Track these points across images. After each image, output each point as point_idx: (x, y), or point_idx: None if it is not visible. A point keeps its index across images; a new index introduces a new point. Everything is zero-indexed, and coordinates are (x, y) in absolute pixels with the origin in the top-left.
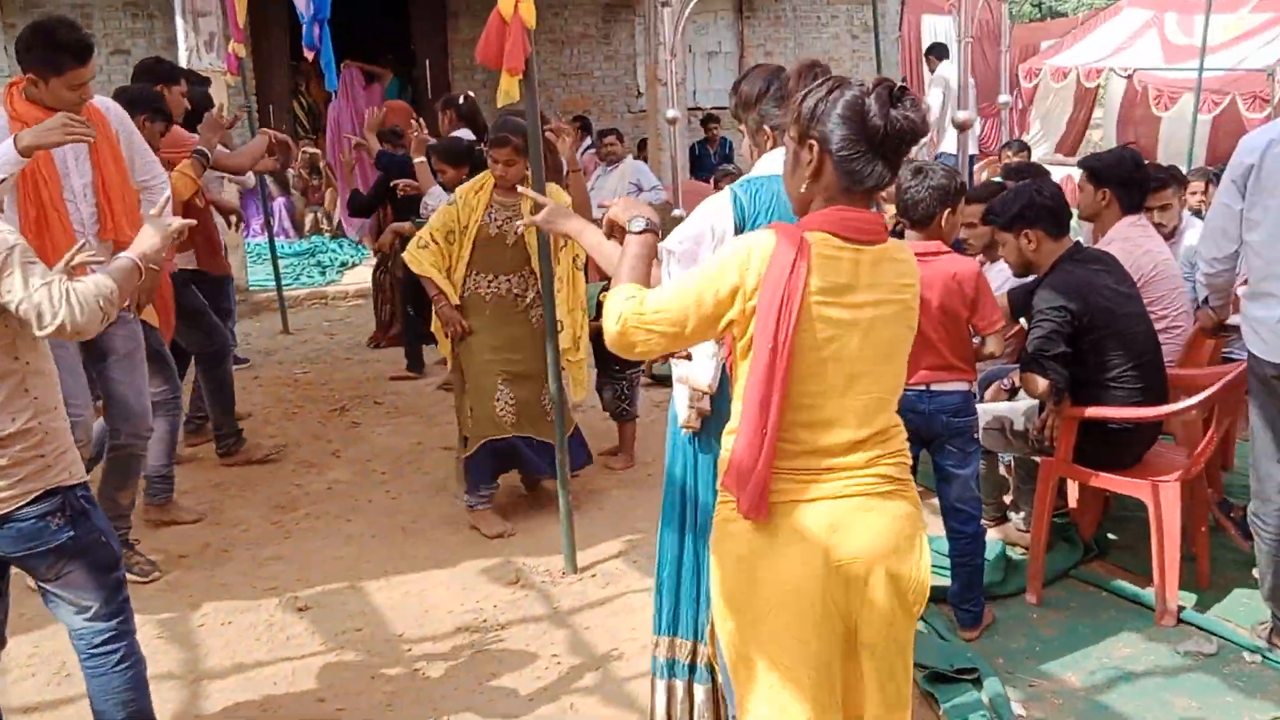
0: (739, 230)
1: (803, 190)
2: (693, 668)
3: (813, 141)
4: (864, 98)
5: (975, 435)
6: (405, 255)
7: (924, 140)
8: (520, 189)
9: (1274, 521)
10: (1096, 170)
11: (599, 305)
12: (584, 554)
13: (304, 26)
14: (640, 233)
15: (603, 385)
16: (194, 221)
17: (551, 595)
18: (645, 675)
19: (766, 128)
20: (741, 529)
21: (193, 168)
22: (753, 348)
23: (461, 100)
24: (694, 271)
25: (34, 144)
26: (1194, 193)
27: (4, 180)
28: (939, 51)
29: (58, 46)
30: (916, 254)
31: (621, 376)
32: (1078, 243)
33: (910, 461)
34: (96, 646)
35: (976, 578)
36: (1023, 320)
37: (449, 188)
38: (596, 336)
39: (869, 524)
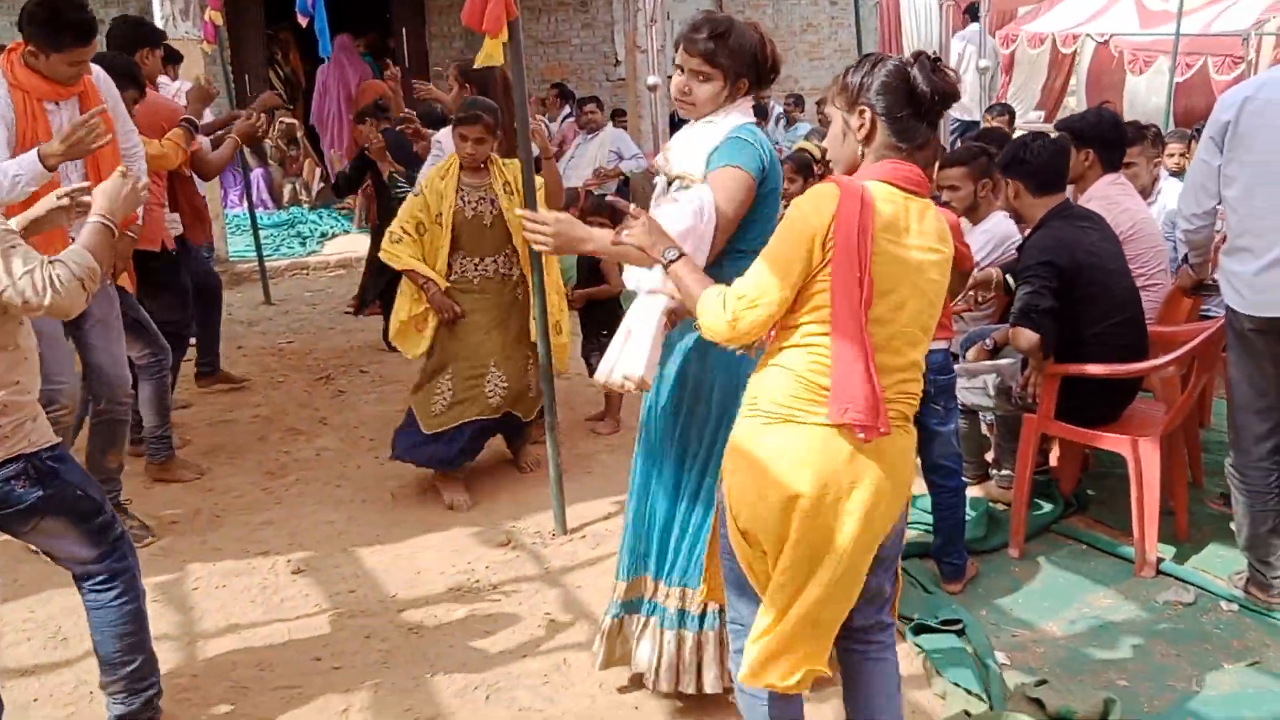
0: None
1: (856, 154)
2: (655, 607)
3: (864, 108)
4: (908, 68)
5: (955, 393)
6: (382, 254)
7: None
8: (520, 212)
9: (1251, 474)
10: (1079, 131)
11: (580, 271)
12: (573, 516)
13: None
14: (676, 259)
15: (590, 351)
16: (146, 181)
17: (542, 556)
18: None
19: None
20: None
21: (182, 137)
22: (833, 282)
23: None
24: (770, 245)
25: (61, 158)
26: (1172, 154)
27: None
28: (972, 12)
29: (62, 25)
30: None
31: (609, 341)
32: (1067, 200)
33: (916, 404)
34: (95, 586)
35: (958, 532)
36: (1009, 279)
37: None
38: (586, 313)
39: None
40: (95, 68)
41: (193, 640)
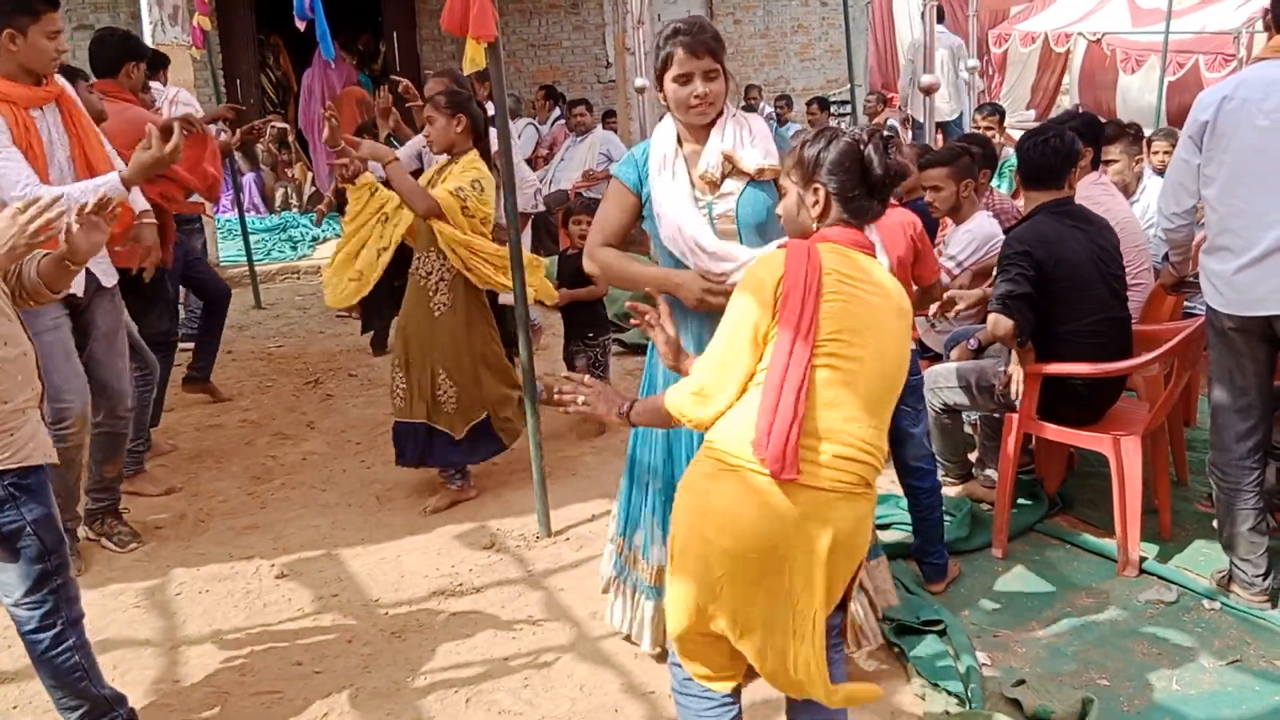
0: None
1: (809, 227)
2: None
3: (819, 186)
4: (862, 146)
5: (923, 393)
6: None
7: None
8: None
9: (1232, 471)
10: (1080, 131)
11: (563, 273)
12: (557, 518)
13: None
14: (629, 411)
15: (574, 353)
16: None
17: (526, 558)
18: (619, 635)
19: None
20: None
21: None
22: (779, 323)
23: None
24: (723, 325)
25: (140, 175)
26: (1157, 152)
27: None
28: (939, 15)
29: None
30: None
31: (594, 344)
32: (1067, 198)
33: (874, 471)
34: (26, 629)
35: (937, 531)
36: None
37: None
38: (566, 306)
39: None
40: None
41: (175, 646)
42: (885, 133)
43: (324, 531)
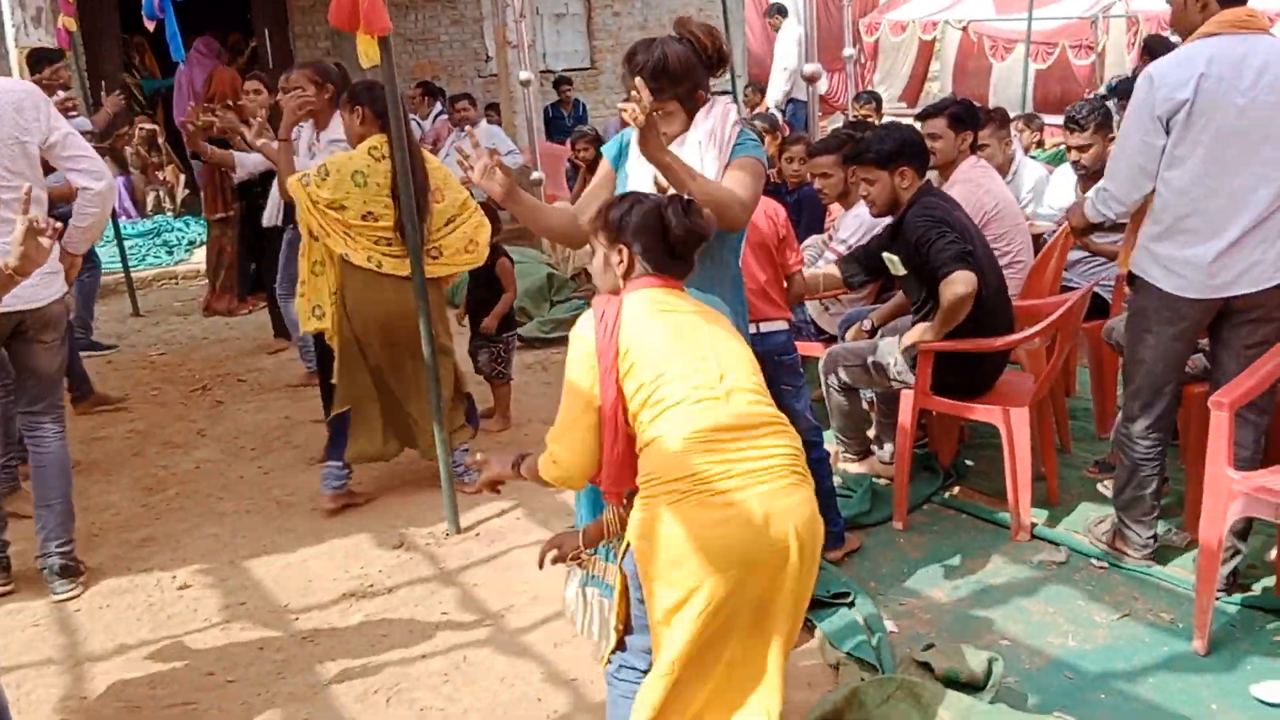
0: None
1: (618, 284)
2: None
3: (622, 247)
4: (663, 210)
5: (800, 370)
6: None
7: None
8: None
9: (1142, 442)
10: (959, 116)
11: (475, 278)
12: (466, 515)
13: None
14: (520, 463)
15: (478, 349)
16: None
17: (437, 556)
18: (538, 626)
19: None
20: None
21: None
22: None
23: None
24: (563, 394)
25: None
26: (1022, 131)
27: None
28: (781, 10)
29: None
30: None
31: (497, 339)
32: (929, 181)
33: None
34: None
35: (830, 500)
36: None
37: None
38: (476, 304)
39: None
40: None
41: (79, 663)
42: (686, 195)
43: (224, 540)
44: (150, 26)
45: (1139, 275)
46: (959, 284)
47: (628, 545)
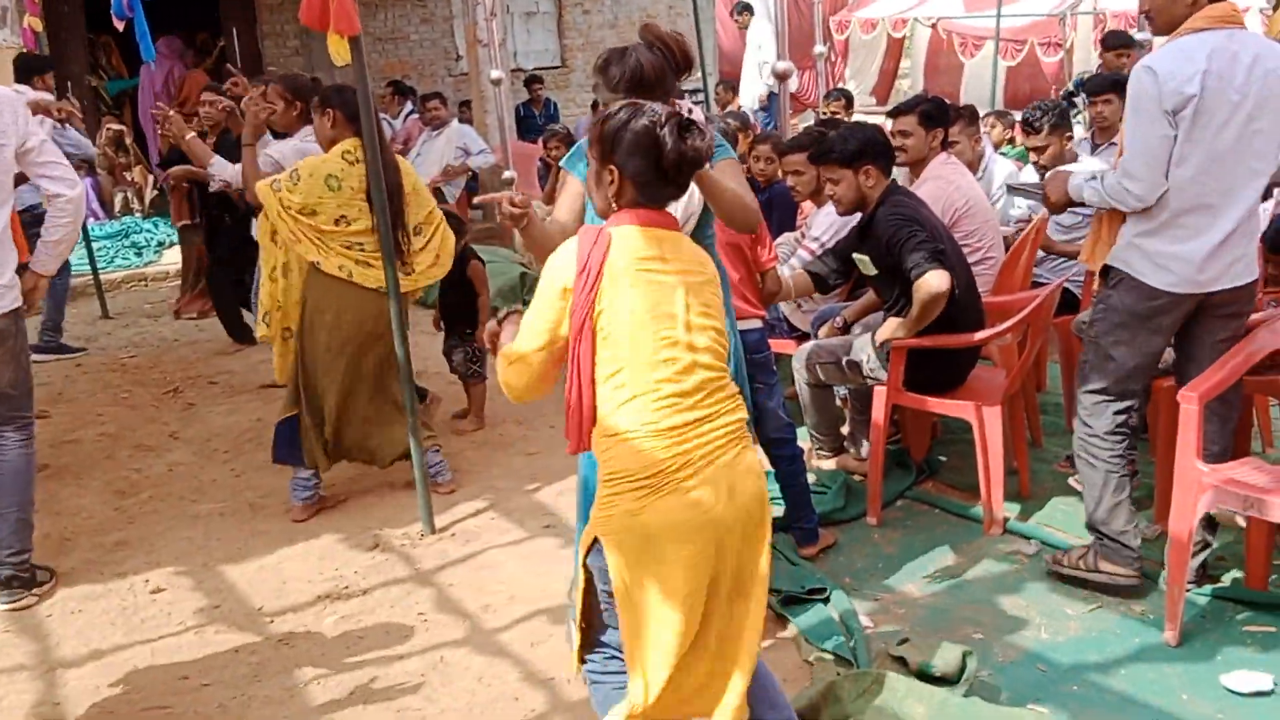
0: None
1: (609, 204)
2: None
3: (613, 167)
4: (657, 129)
5: (773, 367)
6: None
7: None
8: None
9: (1110, 443)
10: (930, 114)
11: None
12: (441, 516)
13: None
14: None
15: (452, 348)
16: None
17: (413, 557)
18: (515, 625)
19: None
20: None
21: None
22: (572, 311)
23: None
24: (532, 302)
25: None
26: (994, 127)
27: None
28: (749, 8)
29: None
30: None
31: (471, 338)
32: (895, 180)
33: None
34: None
35: (805, 497)
36: (865, 261)
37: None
38: (448, 307)
39: None
40: None
41: (52, 669)
42: (687, 115)
43: (198, 543)
44: (120, 26)
45: (1121, 271)
46: (933, 283)
47: (593, 541)
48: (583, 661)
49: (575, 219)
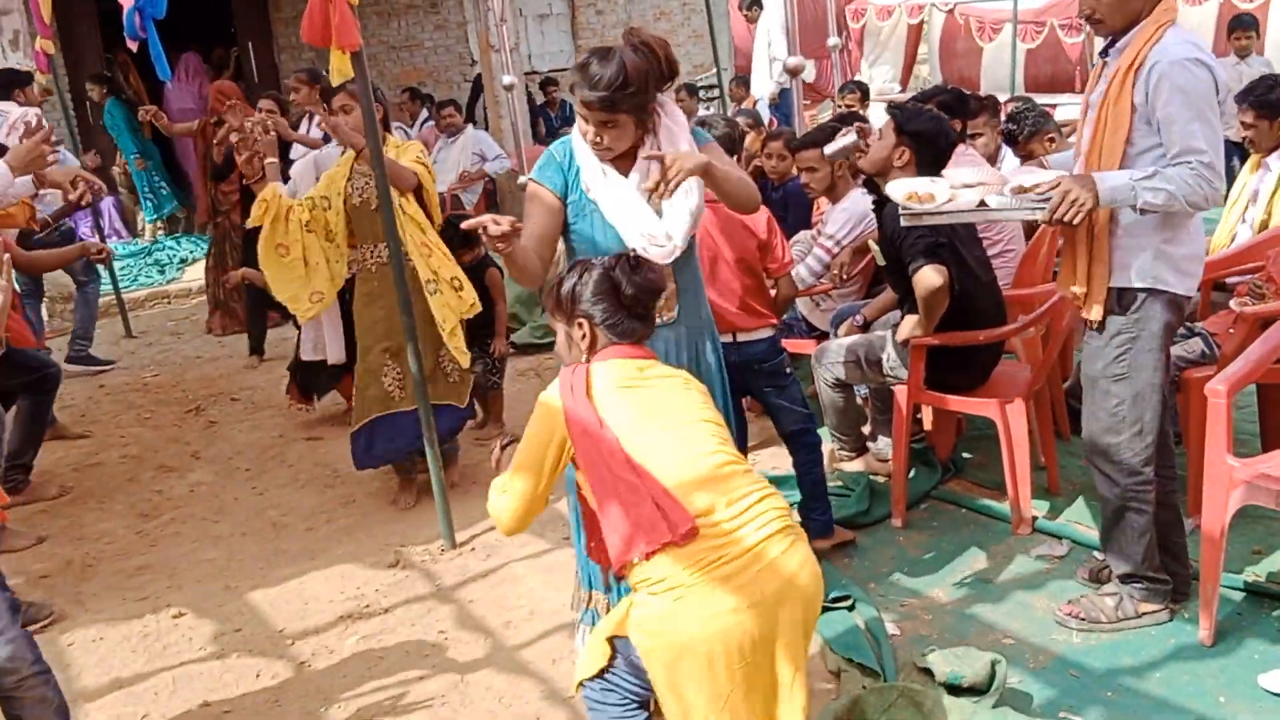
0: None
1: (583, 359)
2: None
3: (581, 320)
4: (611, 273)
5: (786, 370)
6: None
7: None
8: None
9: (1157, 470)
10: (950, 105)
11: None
12: (461, 529)
13: (125, 18)
14: None
15: (473, 359)
16: None
17: (433, 572)
18: (536, 642)
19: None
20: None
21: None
22: (578, 454)
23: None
24: (521, 446)
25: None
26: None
27: None
28: (757, 2)
29: None
30: (708, 202)
31: (489, 348)
32: None
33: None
34: None
35: (820, 488)
36: (877, 250)
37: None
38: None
39: None
40: None
41: (73, 700)
42: (633, 254)
43: (220, 565)
44: (134, 46)
45: (1152, 289)
46: (927, 277)
47: (623, 633)
48: (581, 685)
49: (540, 243)
